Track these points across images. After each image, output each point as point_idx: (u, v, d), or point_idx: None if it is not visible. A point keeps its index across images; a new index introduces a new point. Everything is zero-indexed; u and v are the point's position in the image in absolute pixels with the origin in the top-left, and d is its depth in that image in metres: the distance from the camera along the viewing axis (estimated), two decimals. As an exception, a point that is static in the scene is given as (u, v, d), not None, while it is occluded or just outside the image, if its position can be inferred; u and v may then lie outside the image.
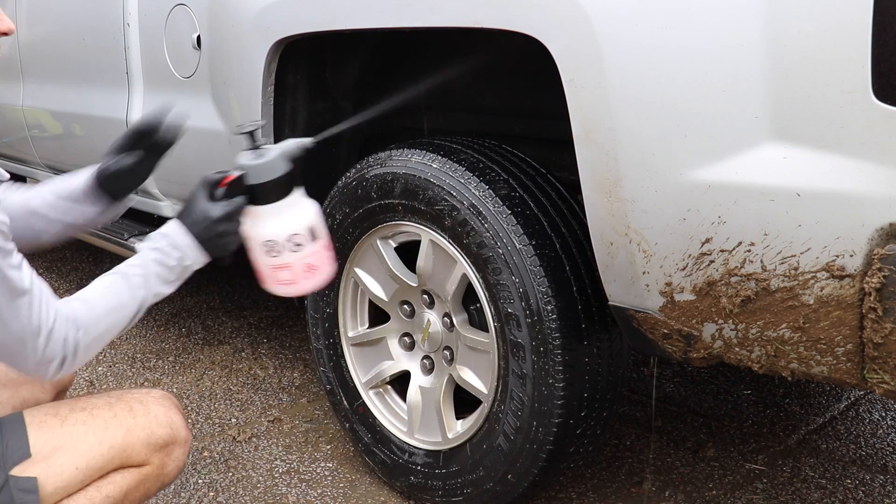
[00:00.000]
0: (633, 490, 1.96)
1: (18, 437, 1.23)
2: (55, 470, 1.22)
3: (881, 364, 1.15)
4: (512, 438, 1.63)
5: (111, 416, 1.30)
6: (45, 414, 1.27)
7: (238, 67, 1.96)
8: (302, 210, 1.35)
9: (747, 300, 1.24)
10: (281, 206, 1.33)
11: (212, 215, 1.31)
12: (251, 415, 2.38)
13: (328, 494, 1.98)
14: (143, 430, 1.31)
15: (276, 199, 1.32)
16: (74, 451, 1.24)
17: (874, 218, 1.09)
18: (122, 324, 1.29)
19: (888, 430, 2.20)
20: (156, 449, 1.32)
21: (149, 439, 1.31)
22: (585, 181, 1.37)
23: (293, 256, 1.33)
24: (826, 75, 1.09)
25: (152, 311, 3.21)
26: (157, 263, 1.31)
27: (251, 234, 1.35)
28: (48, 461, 1.22)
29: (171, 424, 1.35)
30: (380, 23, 1.61)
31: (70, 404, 1.31)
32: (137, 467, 1.31)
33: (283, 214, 1.33)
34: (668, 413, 2.32)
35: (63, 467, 1.23)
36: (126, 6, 2.39)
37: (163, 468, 1.34)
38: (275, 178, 1.31)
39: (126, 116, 2.49)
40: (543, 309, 1.52)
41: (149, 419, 1.33)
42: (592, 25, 1.27)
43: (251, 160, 1.32)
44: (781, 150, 1.15)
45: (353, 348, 1.98)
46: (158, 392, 1.40)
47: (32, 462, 1.22)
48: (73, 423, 1.27)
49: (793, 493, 1.93)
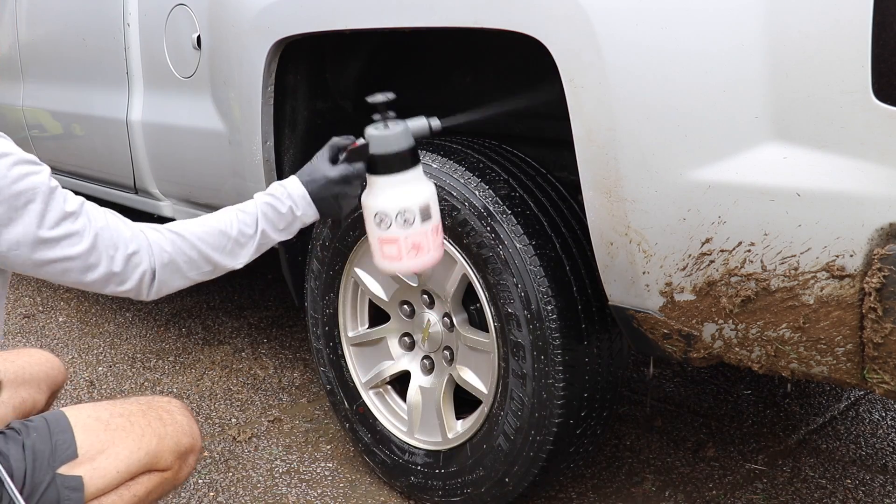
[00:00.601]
0: (633, 490, 1.96)
1: (67, 437, 1.27)
2: (99, 472, 1.28)
3: (881, 364, 1.15)
4: (512, 438, 1.63)
5: (146, 423, 1.36)
6: (87, 416, 1.32)
7: (238, 67, 1.96)
8: (418, 188, 1.36)
9: (747, 300, 1.24)
10: (398, 180, 1.35)
11: (329, 175, 1.38)
12: (251, 415, 2.38)
13: (328, 494, 1.98)
14: (172, 439, 1.37)
15: (395, 172, 1.35)
16: (116, 456, 1.30)
17: (874, 218, 1.09)
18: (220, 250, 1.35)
19: (888, 430, 2.20)
20: (179, 456, 1.38)
21: (176, 447, 1.37)
22: (585, 181, 1.37)
23: (401, 232, 1.35)
24: (826, 75, 1.09)
25: (152, 311, 3.21)
26: (269, 206, 1.38)
27: (366, 203, 1.37)
28: (93, 463, 1.28)
29: (193, 434, 1.42)
30: (380, 23, 1.61)
31: (109, 409, 1.36)
32: (161, 471, 1.37)
33: (399, 188, 1.35)
34: (668, 413, 2.32)
35: (106, 470, 1.29)
36: (126, 6, 2.39)
37: (179, 472, 1.40)
38: (396, 151, 1.35)
39: (126, 116, 2.49)
40: (543, 309, 1.52)
41: (176, 428, 1.39)
42: (592, 25, 1.27)
43: (377, 130, 1.35)
44: (781, 151, 1.15)
45: (353, 348, 1.98)
46: (177, 402, 1.45)
47: (79, 462, 1.27)
48: (115, 428, 1.32)
49: (793, 493, 1.93)
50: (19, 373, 1.53)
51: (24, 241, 1.18)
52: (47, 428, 1.27)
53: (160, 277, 1.31)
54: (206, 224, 1.35)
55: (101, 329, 3.07)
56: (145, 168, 2.49)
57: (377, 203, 1.35)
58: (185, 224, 1.35)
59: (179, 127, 2.30)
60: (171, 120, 2.32)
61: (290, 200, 1.38)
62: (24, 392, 1.52)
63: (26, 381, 1.53)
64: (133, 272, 1.28)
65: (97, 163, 2.81)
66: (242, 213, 1.38)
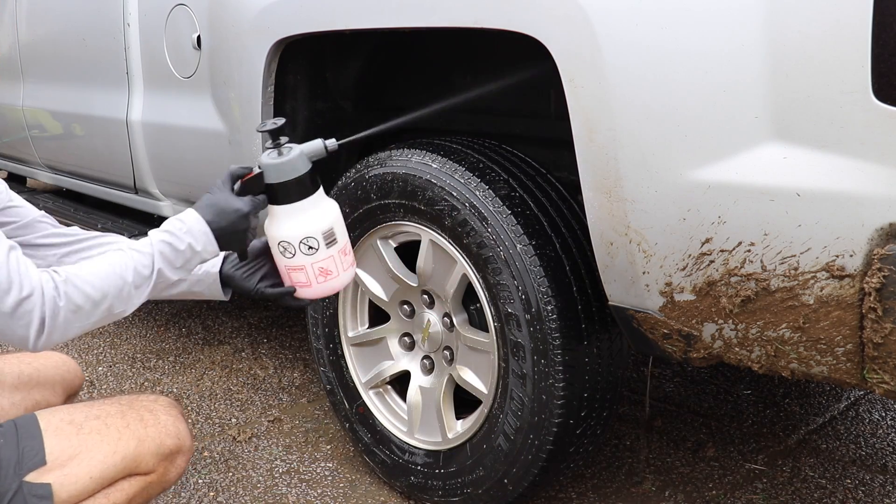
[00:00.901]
0: (633, 490, 1.96)
1: (35, 443, 1.23)
2: (70, 479, 1.24)
3: (881, 364, 1.15)
4: (512, 438, 1.63)
5: (124, 425, 1.31)
6: (60, 420, 1.28)
7: (238, 67, 1.96)
8: (319, 213, 1.34)
9: (747, 300, 1.24)
10: (298, 208, 1.32)
11: (240, 208, 1.31)
12: (251, 415, 2.38)
13: (328, 494, 1.98)
14: (154, 441, 1.33)
15: (294, 200, 1.32)
16: (90, 461, 1.25)
17: (874, 218, 1.09)
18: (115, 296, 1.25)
19: (888, 430, 2.20)
20: (163, 458, 1.34)
21: (158, 450, 1.33)
22: (585, 181, 1.37)
23: (306, 259, 1.33)
24: (826, 76, 1.09)
25: (152, 311, 3.21)
26: (166, 244, 1.30)
27: (269, 233, 1.35)
28: (63, 469, 1.23)
29: (179, 434, 1.37)
30: (380, 23, 1.61)
31: (84, 410, 1.31)
32: (143, 475, 1.33)
33: (300, 216, 1.33)
34: (668, 413, 2.32)
35: (78, 476, 1.24)
36: (126, 6, 2.39)
37: (166, 475, 1.36)
38: (293, 179, 1.31)
39: (126, 116, 2.49)
40: (543, 309, 1.52)
41: (158, 429, 1.34)
42: (592, 25, 1.27)
43: (271, 159, 1.31)
44: (781, 151, 1.15)
45: (353, 348, 1.98)
46: (165, 400, 1.41)
47: (48, 469, 1.22)
48: (89, 431, 1.28)
49: (793, 492, 1.93)
50: (34, 375, 1.51)
51: None
52: (15, 434, 1.23)
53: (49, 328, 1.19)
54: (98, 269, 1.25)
55: (101, 329, 3.07)
56: (145, 168, 2.50)
57: (280, 232, 1.33)
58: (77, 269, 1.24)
59: (179, 127, 2.30)
60: (171, 120, 2.32)
61: (189, 237, 1.30)
62: (38, 394, 1.51)
63: (41, 383, 1.51)
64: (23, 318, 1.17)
65: (97, 163, 2.82)
66: (138, 253, 1.28)
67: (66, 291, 1.20)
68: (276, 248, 1.35)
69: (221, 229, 1.32)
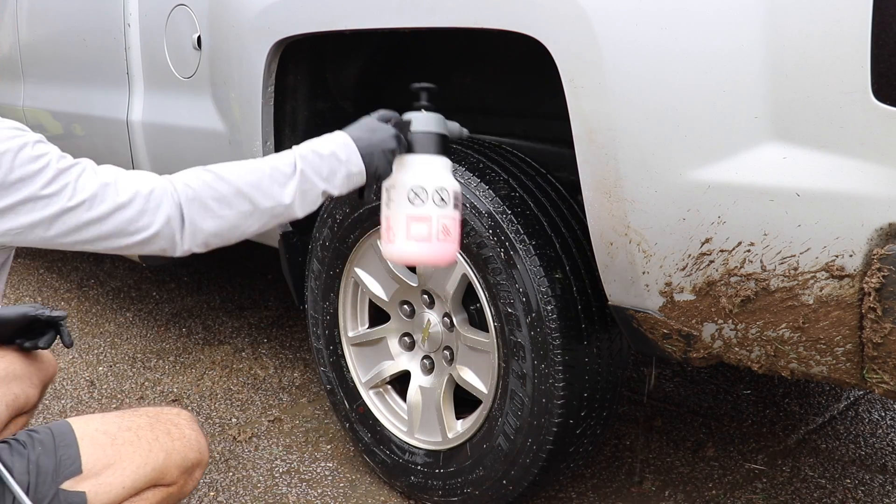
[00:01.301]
0: (633, 490, 1.96)
1: (71, 452, 1.25)
2: (104, 488, 1.26)
3: (881, 364, 1.15)
4: (512, 438, 1.63)
5: (153, 438, 1.34)
6: (95, 430, 1.31)
7: (238, 68, 1.96)
8: (451, 176, 1.38)
9: (747, 300, 1.25)
10: (438, 162, 1.37)
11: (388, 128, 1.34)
12: (251, 415, 2.38)
13: (328, 494, 1.98)
14: (180, 454, 1.36)
15: (434, 153, 1.37)
16: (123, 471, 1.28)
17: (874, 218, 1.09)
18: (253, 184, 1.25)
19: (888, 429, 2.20)
20: (185, 471, 1.37)
21: (183, 463, 1.36)
22: (585, 181, 1.37)
23: (435, 210, 1.33)
24: (825, 76, 1.09)
25: (153, 310, 3.21)
26: (308, 149, 1.29)
27: (401, 179, 1.35)
28: (98, 478, 1.26)
29: (200, 449, 1.40)
30: (380, 23, 1.61)
31: (116, 421, 1.35)
32: (166, 486, 1.36)
33: (438, 168, 1.36)
34: (668, 413, 2.32)
35: (111, 486, 1.27)
36: (126, 6, 2.39)
37: (185, 487, 1.40)
38: (438, 132, 1.38)
39: (126, 116, 2.49)
40: (543, 309, 1.52)
41: (184, 443, 1.37)
42: (592, 26, 1.27)
43: (419, 112, 1.39)
44: (781, 151, 1.15)
45: (353, 348, 1.98)
46: (186, 414, 1.44)
47: (83, 478, 1.25)
48: (122, 442, 1.31)
49: (792, 492, 1.93)
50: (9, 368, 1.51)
51: None
52: (53, 441, 1.26)
53: (189, 216, 1.21)
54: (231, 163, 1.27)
55: (102, 329, 3.07)
56: (146, 168, 2.50)
57: (415, 178, 1.34)
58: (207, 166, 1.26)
59: (180, 127, 2.30)
60: (172, 120, 2.33)
61: (332, 144, 1.29)
62: (17, 388, 1.51)
63: (18, 376, 1.52)
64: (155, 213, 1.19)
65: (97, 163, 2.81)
66: (276, 155, 1.29)
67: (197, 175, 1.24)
68: (403, 195, 1.34)
69: (370, 145, 1.31)
